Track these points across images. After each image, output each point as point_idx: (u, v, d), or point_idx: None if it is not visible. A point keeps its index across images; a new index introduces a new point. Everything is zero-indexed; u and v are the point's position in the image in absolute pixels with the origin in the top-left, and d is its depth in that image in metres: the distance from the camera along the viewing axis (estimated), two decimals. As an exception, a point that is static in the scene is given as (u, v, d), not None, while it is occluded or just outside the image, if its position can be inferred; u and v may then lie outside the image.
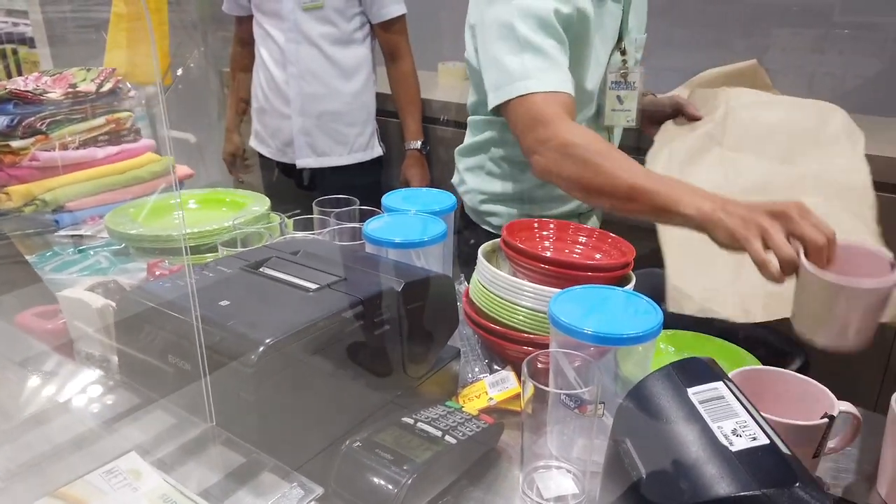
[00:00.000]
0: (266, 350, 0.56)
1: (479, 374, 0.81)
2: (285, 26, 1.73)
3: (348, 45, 1.77)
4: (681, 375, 0.49)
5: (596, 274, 0.79)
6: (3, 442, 0.56)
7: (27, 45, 3.20)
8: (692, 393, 0.47)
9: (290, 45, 1.74)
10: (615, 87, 1.17)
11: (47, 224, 1.25)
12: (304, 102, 1.78)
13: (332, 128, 1.82)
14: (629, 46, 1.16)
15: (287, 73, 1.76)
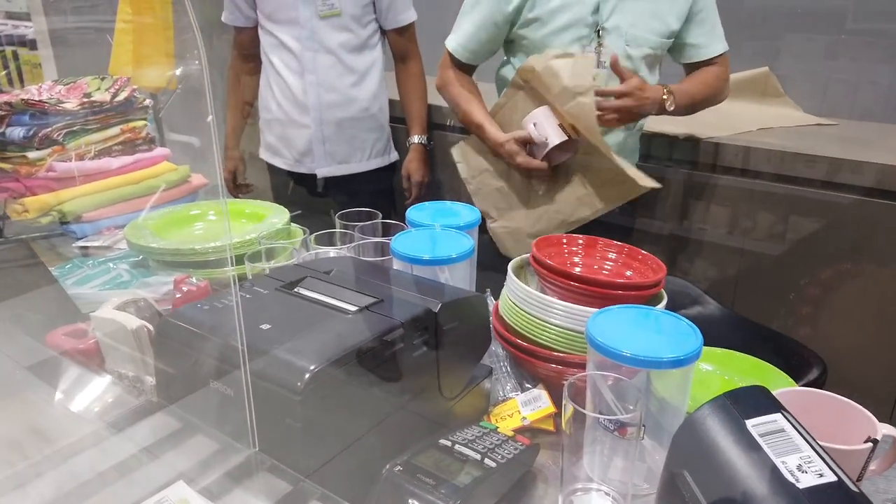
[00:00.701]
0: (312, 377, 0.55)
1: (511, 392, 0.80)
2: (302, 35, 1.72)
3: (363, 51, 1.77)
4: (737, 406, 0.49)
5: (627, 292, 0.79)
6: (47, 469, 0.56)
7: (28, 48, 3.19)
8: (751, 425, 0.47)
9: (308, 54, 1.73)
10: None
11: (64, 235, 1.25)
12: (323, 111, 1.77)
13: (350, 135, 1.82)
14: (609, 33, 1.35)
15: (305, 81, 1.75)
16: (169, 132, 2.30)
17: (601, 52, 1.37)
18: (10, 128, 1.23)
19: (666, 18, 1.36)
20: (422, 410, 0.70)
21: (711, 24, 1.40)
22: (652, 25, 1.36)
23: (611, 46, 1.36)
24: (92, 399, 0.69)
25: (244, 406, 0.58)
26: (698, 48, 1.41)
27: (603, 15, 1.35)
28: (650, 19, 1.36)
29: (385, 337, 0.63)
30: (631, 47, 1.37)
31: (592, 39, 1.36)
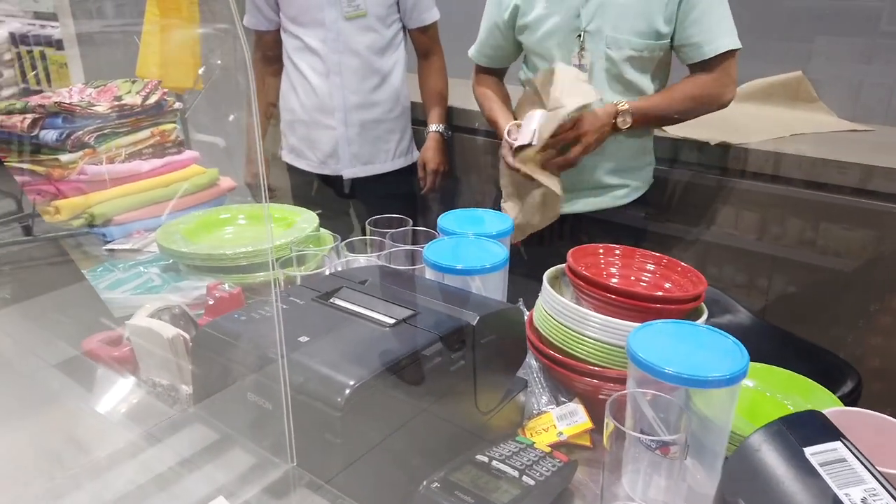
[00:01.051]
0: (353, 392, 0.55)
1: (546, 405, 0.79)
2: (328, 36, 1.72)
3: (387, 51, 1.78)
4: (793, 433, 0.47)
5: (665, 306, 0.77)
6: (86, 481, 0.56)
7: (54, 48, 3.23)
8: (810, 453, 0.45)
9: (334, 56, 1.72)
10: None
11: (95, 238, 1.26)
12: (348, 112, 1.77)
13: (374, 135, 1.82)
14: (591, 36, 1.36)
15: (330, 83, 1.75)
16: (194, 132, 2.31)
17: (583, 56, 1.38)
18: (44, 131, 1.23)
19: (652, 19, 1.33)
20: (457, 425, 0.69)
21: (712, 22, 1.34)
22: (635, 27, 1.34)
23: (592, 50, 1.37)
24: (128, 407, 0.69)
25: (282, 420, 0.57)
26: (696, 48, 1.35)
27: (584, 19, 1.36)
28: (634, 20, 1.34)
29: (423, 351, 0.62)
30: (612, 50, 1.36)
31: (575, 44, 1.38)
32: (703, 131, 1.64)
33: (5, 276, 1.17)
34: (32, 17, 3.35)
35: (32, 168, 1.26)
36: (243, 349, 0.61)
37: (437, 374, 0.64)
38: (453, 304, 0.71)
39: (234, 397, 0.61)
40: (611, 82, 1.38)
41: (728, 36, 1.35)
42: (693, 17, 1.33)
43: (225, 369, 0.62)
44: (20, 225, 1.38)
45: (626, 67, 1.37)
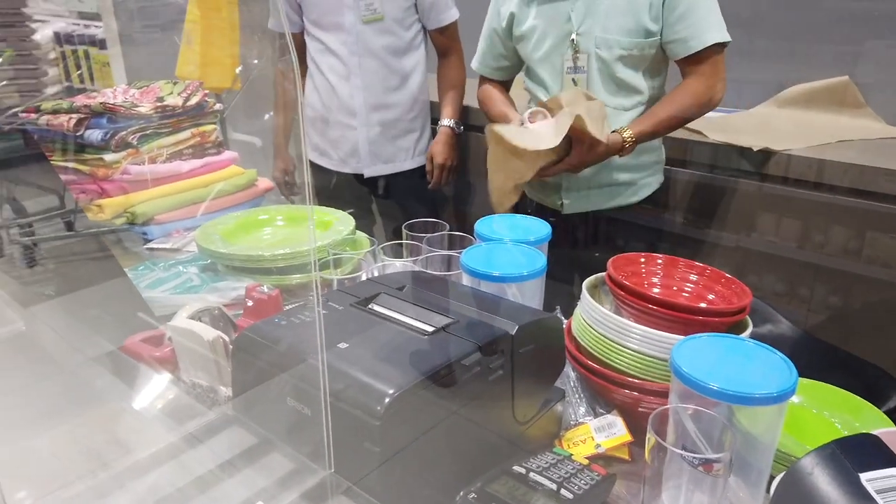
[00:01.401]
0: (392, 401, 0.54)
1: (583, 416, 0.78)
2: (348, 39, 1.74)
3: (406, 53, 1.80)
4: (848, 457, 0.45)
5: (709, 318, 0.76)
6: (127, 480, 0.56)
7: (97, 47, 3.30)
8: (866, 479, 0.43)
9: (353, 58, 1.75)
10: (570, 72, 1.41)
11: (135, 235, 1.28)
12: (369, 113, 1.81)
13: (394, 135, 1.84)
14: (583, 38, 1.37)
15: (351, 84, 1.77)
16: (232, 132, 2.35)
17: (577, 58, 1.39)
18: (89, 130, 1.26)
19: (639, 16, 1.33)
20: (494, 435, 0.68)
21: (698, 16, 1.32)
22: (624, 26, 1.34)
23: (586, 52, 1.38)
24: (168, 407, 0.70)
25: (321, 426, 0.57)
26: (682, 42, 1.33)
27: (574, 23, 1.37)
28: (622, 19, 1.34)
29: (462, 361, 0.61)
30: (601, 50, 1.37)
31: (569, 48, 1.39)
32: (745, 137, 1.60)
33: (49, 271, 1.20)
34: (77, 17, 3.43)
35: (77, 167, 1.28)
36: (283, 354, 0.61)
37: (474, 384, 0.63)
38: (491, 313, 0.70)
39: (273, 402, 0.61)
40: (605, 82, 1.40)
41: (715, 30, 1.33)
42: (679, 13, 1.32)
43: (265, 373, 0.62)
44: (62, 220, 1.42)
45: (618, 67, 1.37)
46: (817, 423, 0.77)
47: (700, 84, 1.35)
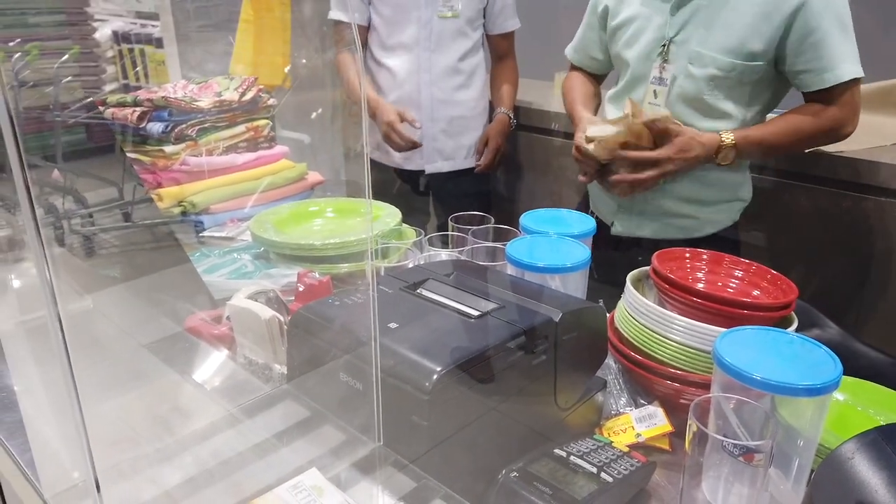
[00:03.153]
0: (441, 377, 0.57)
1: (624, 407, 0.79)
2: (422, 34, 1.77)
3: (471, 53, 1.85)
4: (891, 444, 0.46)
5: (753, 312, 0.76)
6: (192, 445, 0.60)
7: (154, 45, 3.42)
8: (909, 466, 0.44)
9: (425, 54, 1.78)
10: (654, 83, 1.28)
11: (187, 226, 1.34)
12: (435, 109, 1.84)
13: (456, 132, 1.87)
14: (678, 47, 1.25)
15: (419, 80, 1.81)
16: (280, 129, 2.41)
17: (664, 69, 1.25)
18: (151, 123, 1.32)
19: (746, 38, 1.18)
20: (536, 418, 0.70)
21: (833, 46, 1.17)
22: (725, 43, 1.19)
23: (676, 64, 1.25)
24: (225, 382, 0.74)
25: (371, 400, 0.60)
26: (815, 74, 1.19)
27: (672, 27, 1.24)
28: (725, 35, 1.19)
29: (508, 343, 0.63)
30: (694, 66, 1.22)
31: (657, 54, 1.27)
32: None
33: (113, 258, 1.26)
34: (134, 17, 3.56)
35: (139, 157, 1.35)
36: (337, 332, 0.64)
37: (519, 367, 0.65)
38: (536, 300, 0.72)
39: (326, 377, 0.64)
40: (687, 104, 1.26)
41: (851, 62, 1.19)
42: (811, 41, 1.17)
43: (318, 350, 0.65)
44: (120, 212, 1.49)
45: (707, 88, 1.23)
46: (862, 421, 0.77)
47: (831, 111, 1.21)
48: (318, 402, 0.65)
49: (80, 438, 0.42)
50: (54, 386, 0.63)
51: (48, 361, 0.65)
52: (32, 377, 0.66)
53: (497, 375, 0.63)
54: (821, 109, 1.22)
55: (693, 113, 1.26)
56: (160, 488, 0.54)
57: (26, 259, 0.95)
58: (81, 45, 2.51)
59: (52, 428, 0.63)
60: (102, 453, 0.50)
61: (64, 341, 0.40)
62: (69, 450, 0.60)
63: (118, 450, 0.57)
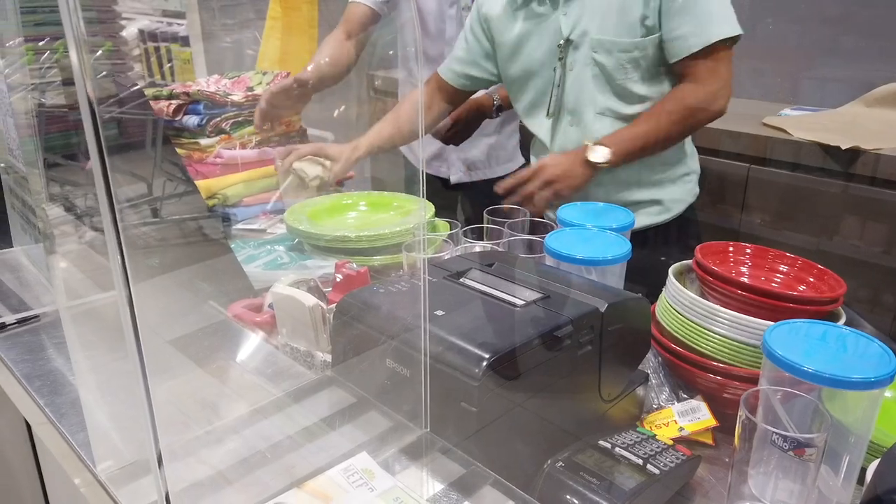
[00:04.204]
0: (490, 364, 0.57)
1: (666, 401, 0.78)
2: (446, 51, 1.76)
3: None
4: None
5: (800, 306, 0.75)
6: (242, 428, 0.60)
7: (179, 44, 3.46)
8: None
9: None
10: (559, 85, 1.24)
11: (216, 223, 1.34)
12: None
13: (482, 143, 1.83)
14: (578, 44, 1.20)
15: None
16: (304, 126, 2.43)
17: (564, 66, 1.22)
18: (186, 116, 1.34)
19: (635, 12, 1.13)
20: (580, 409, 0.70)
21: (703, 8, 1.10)
22: (620, 25, 1.15)
23: (575, 60, 1.21)
24: (270, 368, 0.74)
25: (418, 387, 0.60)
26: (683, 40, 1.12)
27: (565, 28, 1.19)
28: (618, 18, 1.15)
29: (555, 332, 0.63)
30: (598, 54, 1.18)
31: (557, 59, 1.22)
32: (832, 135, 1.56)
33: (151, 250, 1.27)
34: (161, 15, 3.61)
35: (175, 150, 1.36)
36: (384, 319, 0.64)
37: (564, 357, 0.65)
38: (580, 291, 0.71)
39: (372, 363, 0.64)
40: (603, 92, 1.21)
41: (724, 23, 1.11)
42: (679, 4, 1.11)
43: (364, 336, 0.65)
44: (149, 207, 1.51)
45: (618, 72, 1.19)
46: (913, 419, 0.75)
47: (697, 88, 1.15)
48: (364, 388, 0.65)
49: (146, 417, 0.43)
50: (105, 369, 0.64)
51: (96, 345, 0.67)
52: (81, 361, 0.67)
53: (543, 364, 0.63)
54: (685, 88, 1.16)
55: (606, 100, 1.21)
56: (213, 469, 0.55)
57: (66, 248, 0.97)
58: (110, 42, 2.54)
59: (103, 410, 0.63)
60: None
61: (135, 326, 0.41)
62: (121, 431, 0.61)
63: (169, 432, 0.58)
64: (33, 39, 1.15)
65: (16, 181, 1.13)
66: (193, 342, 0.77)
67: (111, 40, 2.15)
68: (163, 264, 1.11)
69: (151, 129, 1.42)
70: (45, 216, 1.05)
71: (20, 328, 0.88)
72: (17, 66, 1.16)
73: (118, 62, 2.32)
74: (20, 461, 0.93)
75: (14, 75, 1.14)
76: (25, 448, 0.91)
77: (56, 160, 1.21)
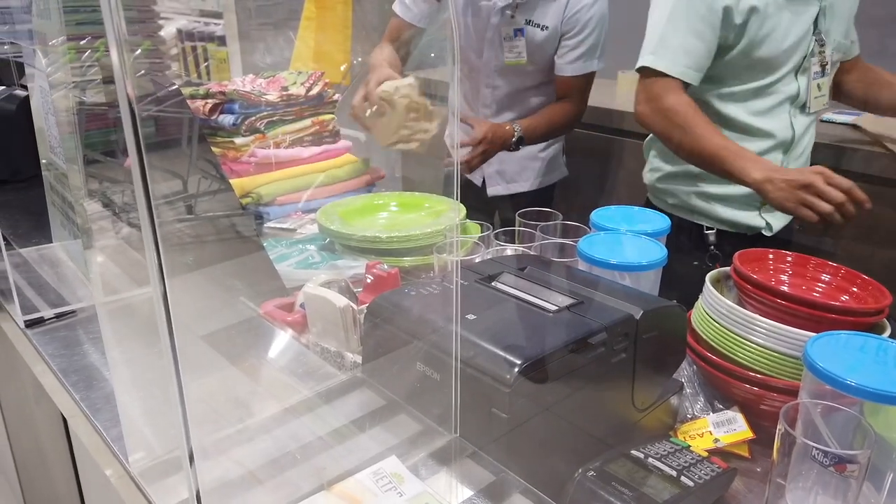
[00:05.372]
0: (523, 370, 0.56)
1: (701, 411, 0.77)
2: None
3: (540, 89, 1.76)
4: None
5: (842, 317, 0.73)
6: (273, 428, 0.61)
7: (216, 43, 3.51)
8: None
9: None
10: (816, 77, 1.27)
11: (249, 221, 1.36)
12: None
13: (518, 159, 1.80)
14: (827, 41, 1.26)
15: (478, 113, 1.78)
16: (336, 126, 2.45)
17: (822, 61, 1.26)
18: (222, 115, 1.35)
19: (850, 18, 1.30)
20: (612, 418, 0.69)
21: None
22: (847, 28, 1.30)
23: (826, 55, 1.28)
24: (301, 367, 0.74)
25: (448, 391, 0.60)
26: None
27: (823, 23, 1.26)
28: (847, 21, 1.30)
29: (589, 339, 0.62)
30: (834, 54, 1.29)
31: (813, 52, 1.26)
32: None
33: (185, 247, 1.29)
34: (198, 15, 3.67)
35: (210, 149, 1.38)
36: (415, 321, 0.64)
37: (597, 364, 0.64)
38: (614, 297, 0.70)
39: (403, 366, 0.64)
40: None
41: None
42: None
43: (395, 339, 0.65)
44: (184, 204, 1.53)
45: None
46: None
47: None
48: (393, 390, 0.65)
49: (179, 415, 0.43)
50: (139, 364, 0.65)
51: (131, 341, 0.67)
52: (117, 357, 0.68)
53: (576, 371, 0.62)
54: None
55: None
56: (244, 468, 0.55)
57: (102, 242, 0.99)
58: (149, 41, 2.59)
59: (137, 405, 0.64)
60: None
61: (169, 324, 0.41)
62: (154, 427, 0.62)
63: (201, 429, 0.58)
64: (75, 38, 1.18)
65: (56, 178, 1.15)
66: (226, 339, 0.77)
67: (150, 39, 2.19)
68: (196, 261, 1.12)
69: (187, 128, 1.44)
70: (83, 212, 1.07)
71: (57, 322, 0.90)
72: (58, 65, 1.18)
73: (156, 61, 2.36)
74: (56, 452, 0.95)
75: (55, 74, 1.16)
76: (61, 440, 0.93)
77: (95, 157, 1.23)
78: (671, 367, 0.74)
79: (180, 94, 1.41)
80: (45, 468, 1.08)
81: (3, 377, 1.33)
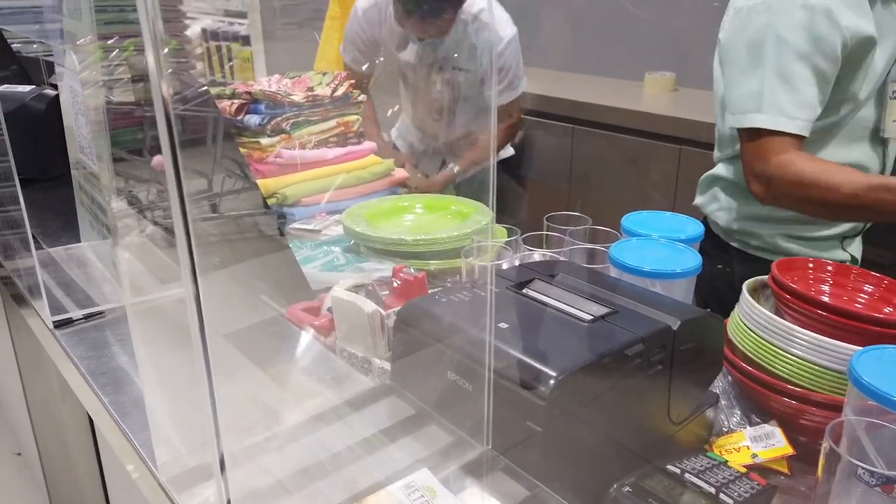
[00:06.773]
0: (558, 383, 0.54)
1: (737, 424, 0.74)
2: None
3: None
4: None
5: (886, 330, 0.70)
6: (302, 436, 0.60)
7: (240, 43, 3.52)
8: None
9: None
10: (894, 97, 1.14)
11: (272, 220, 1.35)
12: None
13: None
14: None
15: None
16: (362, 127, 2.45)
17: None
18: (248, 115, 1.35)
19: None
20: (647, 431, 0.67)
21: None
22: None
23: None
24: (330, 373, 0.73)
25: (480, 402, 0.58)
26: None
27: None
28: None
29: (625, 350, 0.60)
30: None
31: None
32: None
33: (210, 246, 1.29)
34: (223, 15, 3.68)
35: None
36: (446, 329, 0.62)
37: (634, 376, 0.62)
38: (650, 306, 0.68)
39: (433, 375, 0.62)
40: None
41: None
42: None
43: (426, 347, 0.64)
44: (208, 203, 1.53)
45: None
46: None
47: None
48: (424, 399, 0.64)
49: (209, 422, 0.42)
50: (168, 366, 0.64)
51: (160, 342, 0.67)
52: (145, 359, 0.68)
53: (612, 383, 0.60)
54: None
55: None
56: (273, 477, 0.54)
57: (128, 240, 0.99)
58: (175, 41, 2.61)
59: (165, 410, 0.64)
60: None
61: (202, 329, 0.40)
62: (182, 433, 0.61)
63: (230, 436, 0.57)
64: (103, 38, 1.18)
65: (85, 177, 1.16)
66: (253, 343, 0.77)
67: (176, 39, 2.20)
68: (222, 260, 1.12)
69: (212, 127, 1.44)
70: (111, 211, 1.07)
71: (85, 323, 0.90)
72: (87, 64, 1.18)
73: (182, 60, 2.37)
74: (82, 452, 0.95)
75: (84, 72, 1.16)
76: (87, 439, 0.94)
77: (121, 155, 1.24)
78: (708, 380, 0.72)
79: (208, 93, 1.42)
80: (70, 465, 1.08)
81: (29, 375, 1.34)
